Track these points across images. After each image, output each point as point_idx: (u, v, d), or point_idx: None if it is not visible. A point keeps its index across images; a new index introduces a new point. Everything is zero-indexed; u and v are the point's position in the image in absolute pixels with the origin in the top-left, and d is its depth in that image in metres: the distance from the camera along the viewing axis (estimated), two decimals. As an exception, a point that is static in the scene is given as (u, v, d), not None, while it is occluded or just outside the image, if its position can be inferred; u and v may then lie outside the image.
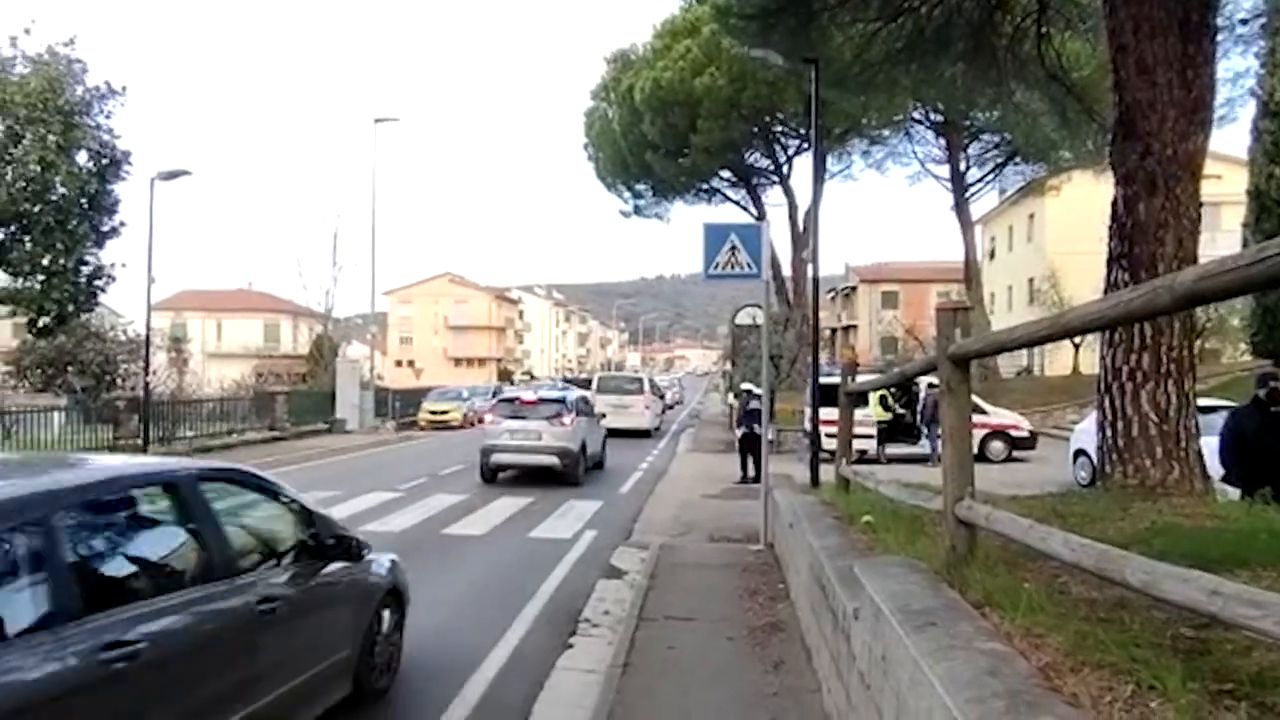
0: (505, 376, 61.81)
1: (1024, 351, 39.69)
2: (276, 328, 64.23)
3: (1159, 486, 6.42)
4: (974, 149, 33.81)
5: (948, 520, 3.84)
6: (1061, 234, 34.89)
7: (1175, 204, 6.59)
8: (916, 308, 53.20)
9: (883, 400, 18.50)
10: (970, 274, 33.76)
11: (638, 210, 33.06)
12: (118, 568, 3.54)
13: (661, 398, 34.86)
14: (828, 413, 10.69)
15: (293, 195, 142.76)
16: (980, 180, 35.19)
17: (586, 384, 29.25)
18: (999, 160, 34.06)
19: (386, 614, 5.61)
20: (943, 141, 33.35)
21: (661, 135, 26.37)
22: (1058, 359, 35.75)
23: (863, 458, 14.44)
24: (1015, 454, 18.65)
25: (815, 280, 10.15)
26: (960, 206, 33.54)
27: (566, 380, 51.04)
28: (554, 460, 15.44)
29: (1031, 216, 41.15)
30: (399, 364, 73.67)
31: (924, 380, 18.96)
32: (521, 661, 6.26)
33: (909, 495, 5.46)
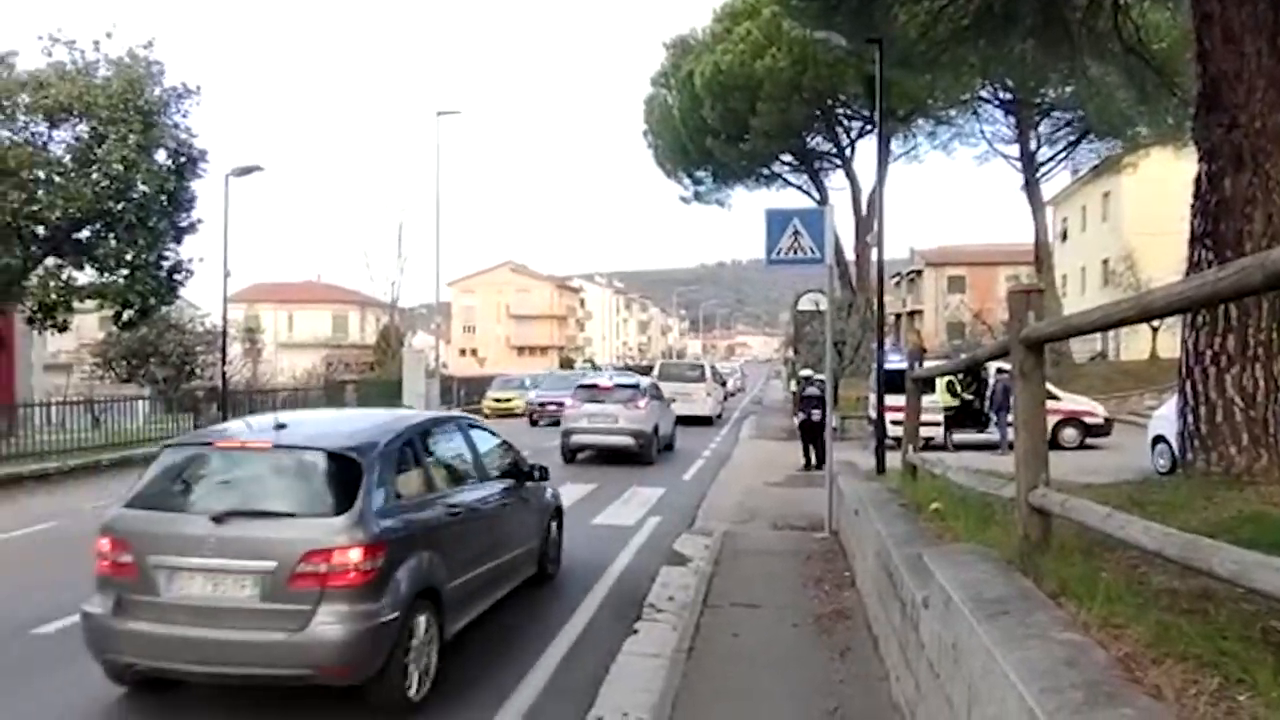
0: (567, 364, 62.35)
1: (1098, 336, 38.45)
2: (344, 318, 65.88)
3: (1245, 474, 6.17)
4: (1045, 126, 32.71)
5: (1020, 508, 3.76)
6: (1138, 213, 33.62)
7: (1264, 179, 6.28)
8: (984, 292, 51.91)
9: (950, 386, 18.12)
10: (1041, 256, 32.76)
11: (698, 196, 32.92)
12: (443, 468, 6.31)
13: (723, 385, 34.72)
14: (893, 399, 10.52)
15: (359, 189, 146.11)
16: (1052, 159, 34.05)
17: (647, 372, 29.31)
18: (1072, 138, 32.89)
19: (554, 524, 8.26)
20: (1012, 120, 32.36)
21: (721, 120, 26.15)
22: (1134, 343, 34.52)
23: (929, 445, 14.19)
24: (1089, 441, 18.11)
25: (880, 264, 9.97)
26: (1031, 186, 32.52)
27: (626, 368, 51.26)
28: (629, 441, 16.57)
29: (1106, 195, 39.71)
30: (462, 353, 74.96)
31: (992, 366, 18.54)
32: (587, 645, 6.34)
33: (978, 482, 5.35)
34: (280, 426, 5.63)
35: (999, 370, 17.69)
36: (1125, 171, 32.64)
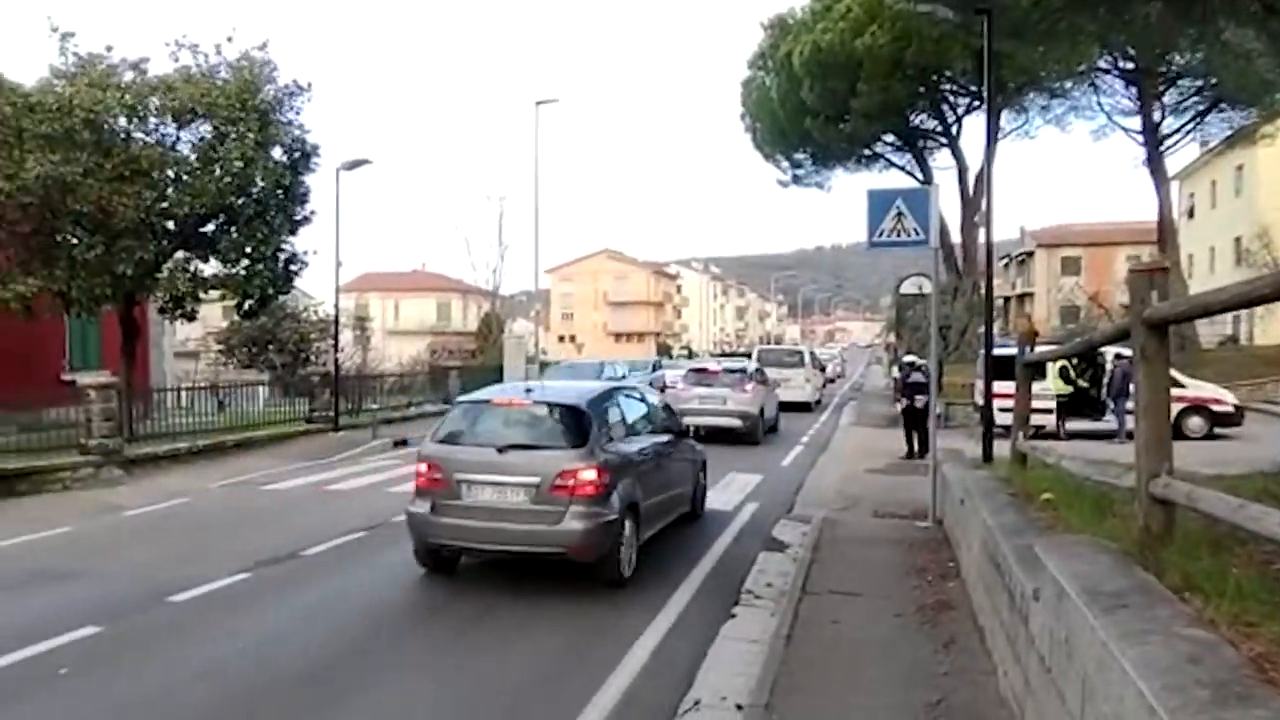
0: (664, 351, 62.52)
1: (1228, 319, 36.01)
2: (448, 306, 67.81)
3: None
4: (1170, 97, 30.59)
5: (1141, 498, 3.57)
6: (1276, 187, 31.24)
7: None
8: (1101, 273, 49.34)
9: (1063, 372, 17.28)
10: (1165, 234, 30.82)
11: (796, 180, 32.32)
12: (633, 421, 8.67)
13: (822, 371, 34.16)
14: (1001, 386, 10.13)
15: (461, 178, 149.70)
16: (1178, 131, 31.80)
17: (744, 358, 29.09)
18: (1201, 107, 30.63)
19: (701, 475, 10.45)
20: (1133, 90, 30.41)
21: (821, 100, 25.54)
22: (1271, 327, 32.17)
23: (1040, 433, 13.59)
24: (1217, 431, 17.04)
25: (989, 245, 9.59)
26: (1154, 161, 30.56)
27: (723, 354, 50.95)
28: (736, 422, 17.61)
29: (1239, 169, 37.06)
30: (561, 339, 76.14)
31: (1110, 351, 17.60)
32: (685, 628, 6.37)
33: (1095, 471, 5.11)
34: (529, 391, 8.68)
35: (1118, 355, 16.79)
36: (1261, 142, 30.29)
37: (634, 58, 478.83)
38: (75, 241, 15.74)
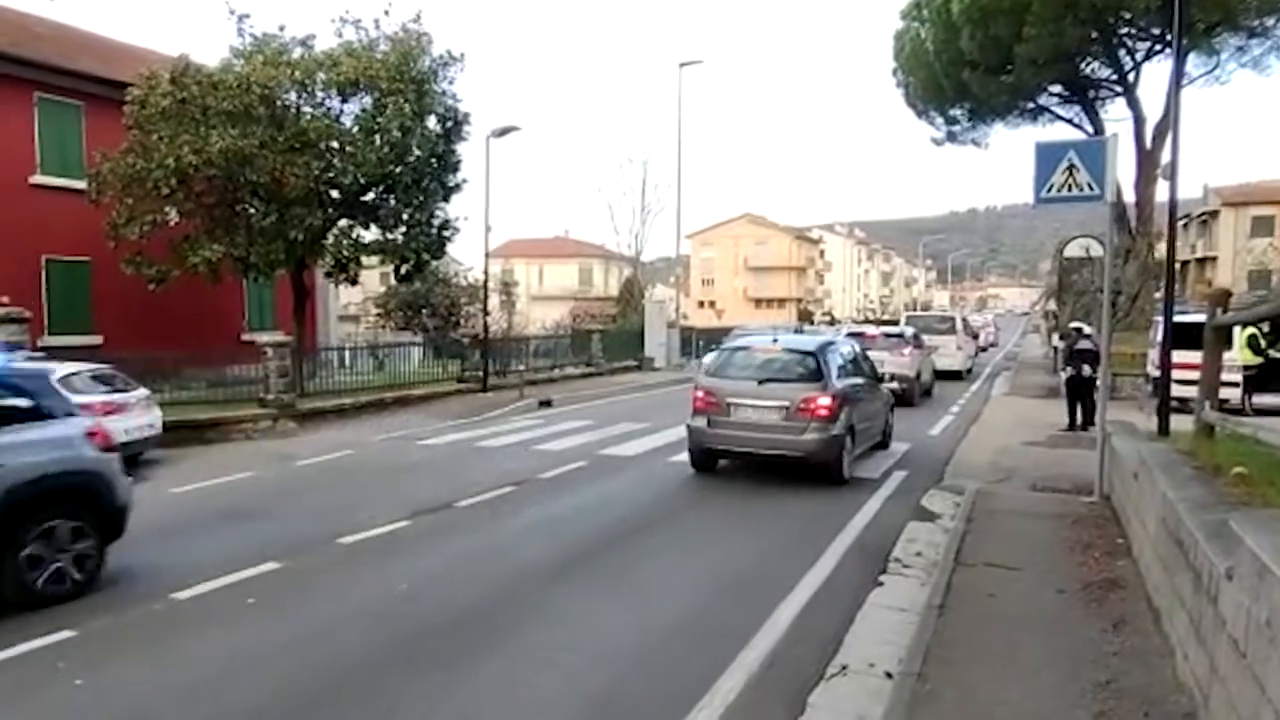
0: (805, 317, 61.29)
1: None
2: (589, 271, 68.96)
3: None
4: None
5: (1364, 471, 3.17)
6: None
7: None
8: (1300, 234, 44.52)
9: (1252, 342, 15.79)
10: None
11: (951, 137, 30.55)
12: (849, 364, 11.22)
13: (975, 338, 32.58)
14: (1180, 355, 9.29)
15: (604, 142, 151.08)
16: (1402, 70, 27.99)
17: (890, 326, 28.07)
18: None
19: (890, 414, 12.77)
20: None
21: (981, 50, 23.87)
22: None
23: (1223, 408, 12.43)
24: None
25: (1172, 201, 8.75)
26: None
27: (866, 321, 49.43)
28: (894, 385, 17.34)
29: None
30: (700, 305, 76.02)
31: (1310, 318, 15.90)
32: (829, 594, 6.26)
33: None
34: (775, 340, 11.23)
35: (1319, 323, 15.18)
36: None
37: (780, 15, 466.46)
38: (253, 211, 16.97)
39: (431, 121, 18.54)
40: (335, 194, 17.89)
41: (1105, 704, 4.15)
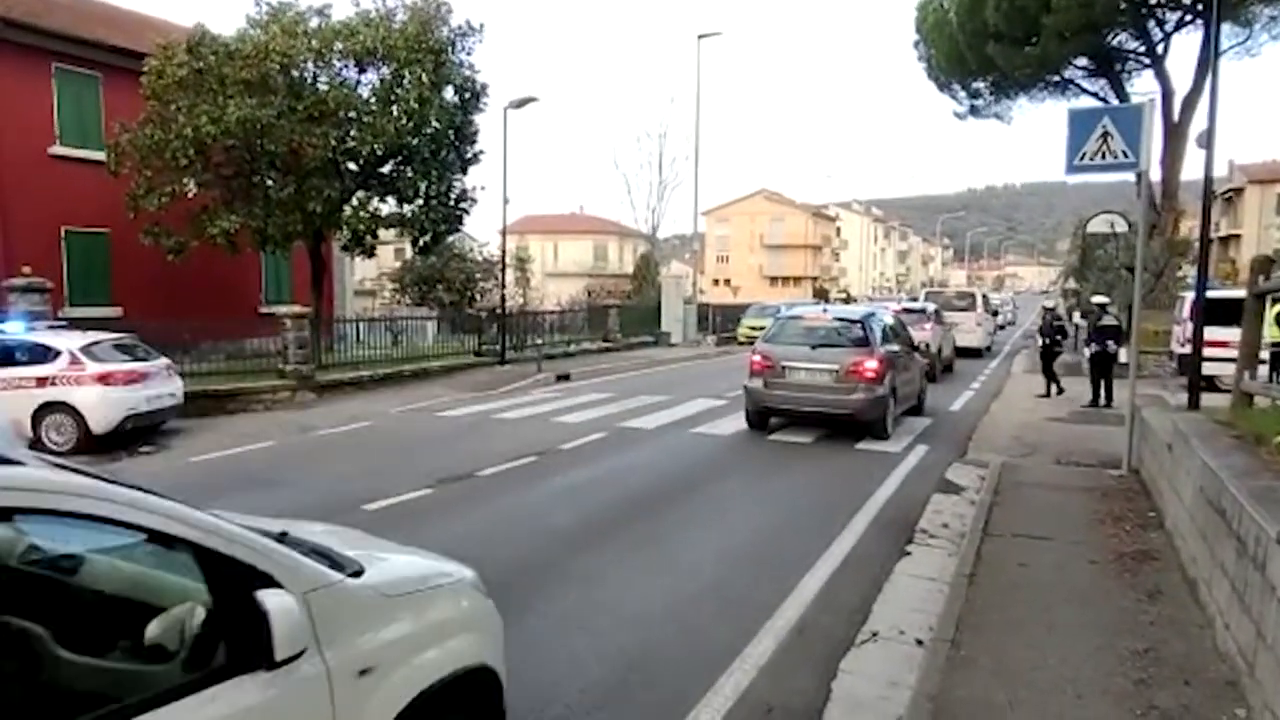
0: (821, 295, 60.94)
1: None
2: (605, 247, 68.67)
3: None
4: None
5: None
6: None
7: None
8: (1327, 212, 43.79)
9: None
10: None
11: (974, 111, 30.01)
12: (890, 332, 12.14)
13: (994, 316, 32.28)
14: (1209, 333, 9.13)
15: (620, 116, 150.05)
16: None
17: (910, 303, 27.80)
18: None
19: (924, 379, 13.73)
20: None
21: (1007, 21, 23.37)
22: None
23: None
24: None
25: (1208, 174, 8.52)
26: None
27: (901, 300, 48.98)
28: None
29: None
30: (716, 282, 75.66)
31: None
32: (856, 565, 6.20)
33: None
34: (825, 310, 13.01)
35: (1352, 299, 14.89)
36: None
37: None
38: (270, 182, 16.92)
39: (449, 92, 18.40)
40: (353, 166, 17.83)
41: (1145, 671, 4.08)
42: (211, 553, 2.12)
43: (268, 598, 2.09)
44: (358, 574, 2.56)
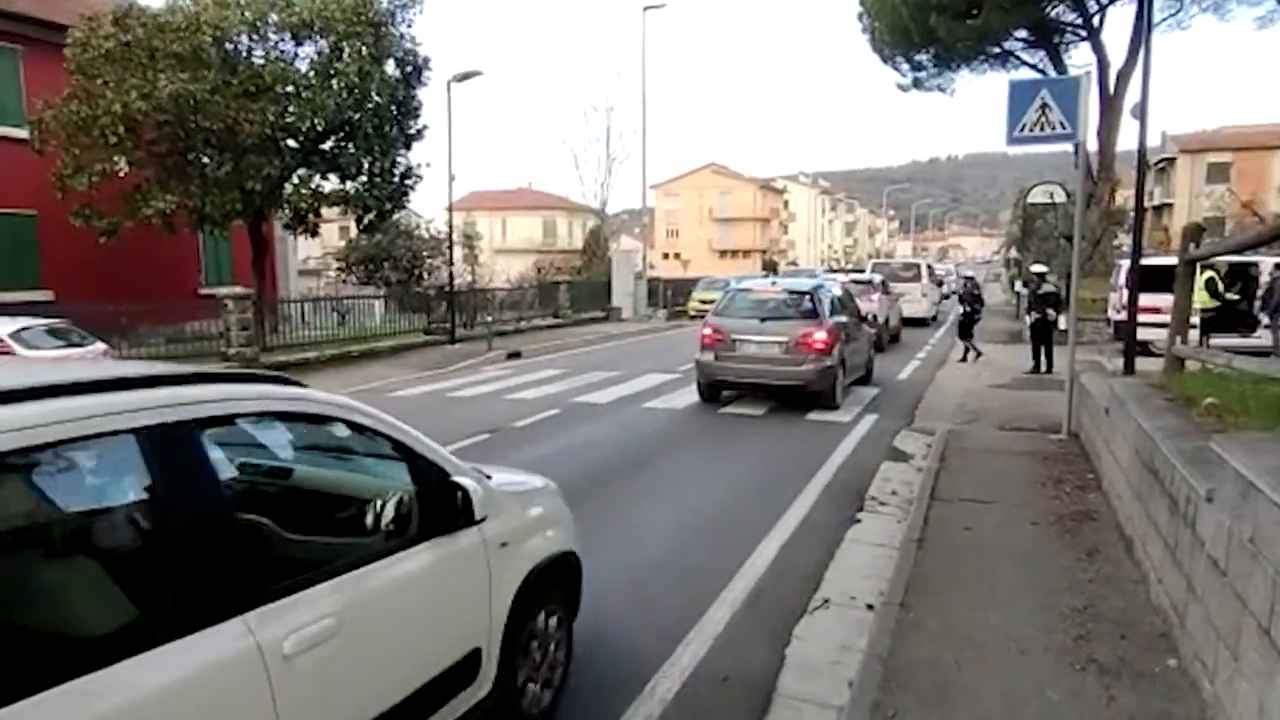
0: (770, 267, 61.32)
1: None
2: (554, 223, 68.16)
3: None
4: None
5: (1346, 391, 3.22)
6: None
7: None
8: (1254, 180, 45.35)
9: (1210, 285, 16.07)
10: (1334, 135, 27.76)
11: (917, 84, 30.29)
12: (837, 303, 12.32)
13: (939, 286, 32.89)
14: (1143, 299, 9.46)
15: (567, 90, 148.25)
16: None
17: (857, 274, 28.16)
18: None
19: (873, 350, 13.96)
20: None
21: (950, -7, 23.78)
22: None
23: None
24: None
25: (1142, 144, 8.74)
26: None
27: (832, 270, 49.61)
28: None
29: None
30: (665, 256, 75.71)
31: (1267, 263, 16.25)
32: (809, 533, 6.31)
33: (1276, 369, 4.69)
34: (774, 282, 12.98)
35: (1277, 266, 15.53)
36: None
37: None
38: (206, 160, 16.39)
39: (391, 66, 18.00)
40: (293, 142, 17.35)
41: (1084, 627, 4.24)
42: (421, 456, 3.04)
43: (464, 481, 3.05)
44: (489, 478, 3.45)
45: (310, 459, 3.26)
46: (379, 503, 2.83)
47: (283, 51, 17.05)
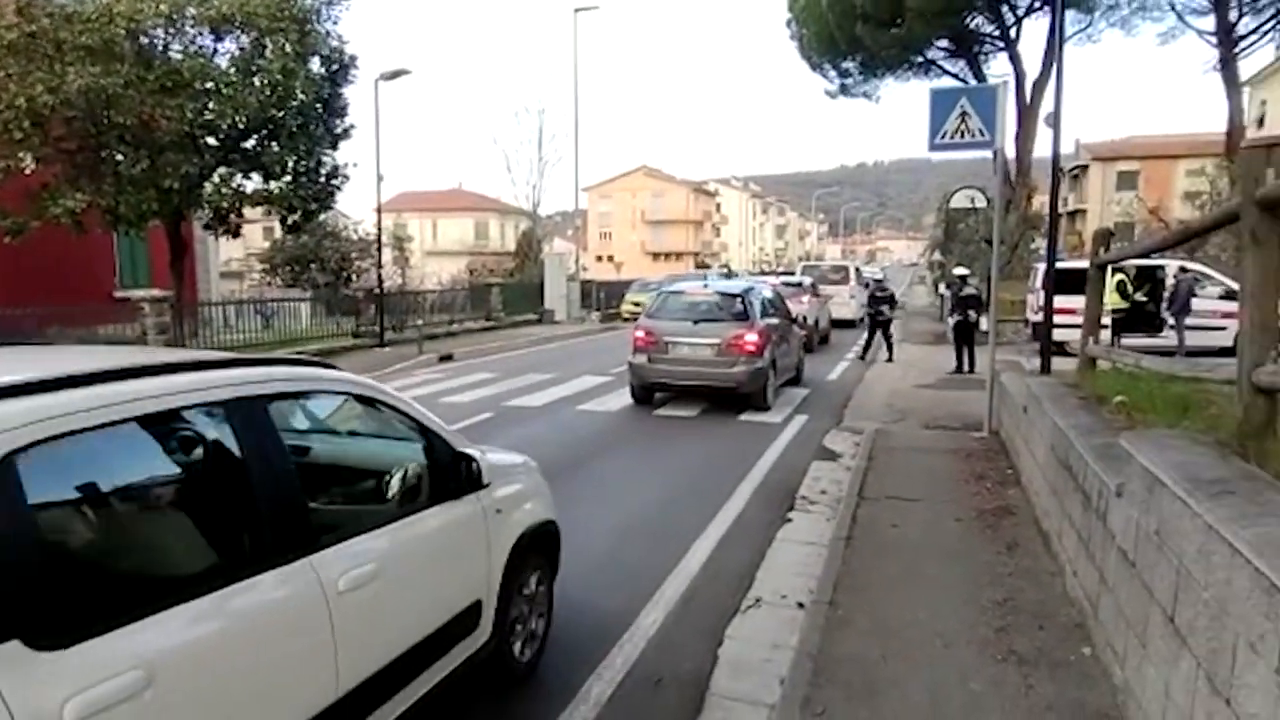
0: (702, 269, 61.88)
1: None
2: (485, 225, 67.51)
3: None
4: (1253, -8, 28.44)
5: (1242, 388, 3.40)
6: (1355, 92, 29.27)
7: None
8: (1160, 187, 47.47)
9: (1120, 287, 16.79)
10: (1234, 144, 29.20)
11: (844, 90, 31.06)
12: (767, 305, 12.52)
13: (867, 288, 33.58)
14: (1059, 300, 9.86)
15: (498, 91, 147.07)
16: (1255, 31, 29.74)
17: (789, 277, 28.60)
18: (1283, 4, 28.42)
19: (803, 351, 14.42)
20: (1209, -14, 28.45)
21: (874, 2, 24.21)
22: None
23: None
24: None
25: (1055, 151, 9.12)
26: (1227, 65, 28.70)
27: (764, 273, 50.30)
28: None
29: (1316, 73, 34.92)
30: (599, 259, 75.70)
31: (1172, 265, 17.04)
32: (741, 533, 6.39)
33: (1187, 368, 4.92)
34: (706, 285, 12.80)
35: (1182, 269, 16.33)
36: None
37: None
38: (120, 157, 15.71)
39: (316, 63, 17.53)
40: (213, 140, 16.76)
41: (1004, 619, 4.38)
42: (435, 433, 3.60)
43: (472, 452, 3.66)
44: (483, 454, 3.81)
45: (348, 431, 3.93)
46: (404, 470, 3.31)
47: (201, 47, 16.47)
